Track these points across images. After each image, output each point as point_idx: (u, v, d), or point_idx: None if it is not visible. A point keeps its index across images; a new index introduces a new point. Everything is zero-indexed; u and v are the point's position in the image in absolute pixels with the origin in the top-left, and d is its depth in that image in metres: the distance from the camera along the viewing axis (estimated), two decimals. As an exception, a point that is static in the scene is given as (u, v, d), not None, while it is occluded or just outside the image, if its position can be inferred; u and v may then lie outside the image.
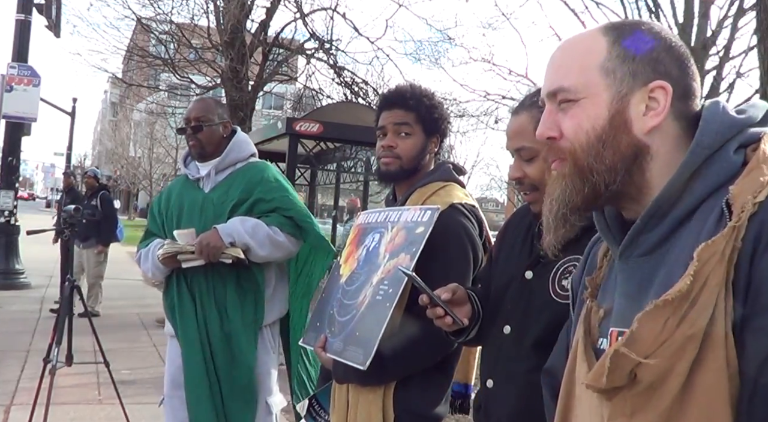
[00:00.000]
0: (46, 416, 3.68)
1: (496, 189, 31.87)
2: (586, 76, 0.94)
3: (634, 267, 0.93)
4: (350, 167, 10.06)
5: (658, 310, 0.81)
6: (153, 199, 2.95)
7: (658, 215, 0.90)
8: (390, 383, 1.86)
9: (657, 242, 0.90)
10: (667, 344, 0.79)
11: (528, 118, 1.49)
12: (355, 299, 1.91)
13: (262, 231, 2.53)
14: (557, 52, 1.00)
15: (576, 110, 0.95)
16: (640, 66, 0.93)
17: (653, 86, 0.92)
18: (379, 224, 2.01)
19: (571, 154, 0.95)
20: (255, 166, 2.72)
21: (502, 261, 1.63)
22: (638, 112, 0.92)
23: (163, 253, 2.50)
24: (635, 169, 0.93)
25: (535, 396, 1.44)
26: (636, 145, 0.92)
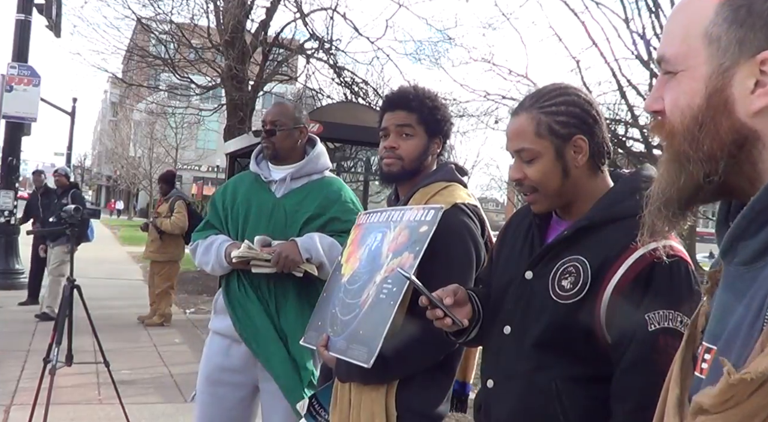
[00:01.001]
0: (46, 416, 3.69)
1: (496, 189, 31.87)
2: (687, 44, 0.79)
3: (734, 275, 0.77)
4: (350, 167, 10.07)
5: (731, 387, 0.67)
6: (216, 191, 2.92)
7: (759, 220, 0.73)
8: (392, 382, 1.87)
9: (758, 252, 0.73)
10: (733, 411, 0.67)
11: (528, 119, 1.48)
12: (358, 298, 1.91)
13: (336, 251, 2.51)
14: (672, 12, 0.86)
15: (674, 84, 0.81)
16: (751, 32, 0.75)
17: (763, 57, 0.73)
18: (381, 224, 2.02)
19: (669, 137, 0.81)
20: (332, 183, 2.72)
21: (503, 262, 1.63)
22: (744, 89, 0.75)
23: (238, 256, 2.47)
24: (743, 158, 0.76)
25: (536, 397, 1.44)
26: (739, 130, 0.76)
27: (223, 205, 2.73)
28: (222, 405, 2.63)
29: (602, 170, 1.52)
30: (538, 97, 1.50)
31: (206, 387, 2.66)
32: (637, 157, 12.01)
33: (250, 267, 2.49)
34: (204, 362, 2.72)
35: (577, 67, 10.83)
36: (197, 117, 18.63)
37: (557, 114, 1.46)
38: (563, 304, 1.41)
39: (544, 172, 1.47)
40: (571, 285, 1.41)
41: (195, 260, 2.73)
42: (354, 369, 1.82)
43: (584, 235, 1.43)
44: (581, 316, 1.38)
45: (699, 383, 0.77)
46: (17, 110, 9.90)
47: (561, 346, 1.42)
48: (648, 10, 8.60)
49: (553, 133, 1.46)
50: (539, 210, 1.54)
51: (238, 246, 2.49)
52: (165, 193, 7.99)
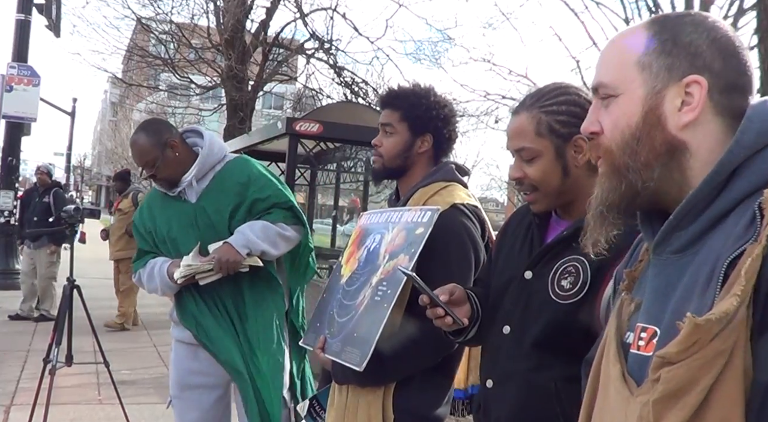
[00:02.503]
0: (46, 416, 3.69)
1: (496, 189, 31.87)
2: (623, 72, 0.93)
3: (666, 263, 0.90)
4: (350, 167, 10.06)
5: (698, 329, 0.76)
6: (134, 218, 2.84)
7: (693, 213, 0.87)
8: (390, 384, 1.86)
9: (689, 241, 0.87)
10: (696, 356, 0.75)
11: (528, 119, 1.48)
12: (355, 300, 1.91)
13: (272, 231, 2.53)
14: (605, 47, 0.99)
15: (614, 107, 0.94)
16: (677, 60, 0.90)
17: (688, 81, 0.89)
18: (381, 225, 2.01)
19: (608, 152, 0.94)
20: (236, 165, 2.65)
21: (502, 261, 1.63)
22: (673, 107, 0.90)
23: (180, 276, 2.46)
24: (674, 166, 0.90)
25: (535, 396, 1.44)
26: (671, 141, 0.90)
27: (146, 229, 2.66)
28: (199, 407, 2.62)
29: None
30: (538, 97, 1.50)
31: (180, 393, 2.65)
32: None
33: (198, 281, 2.48)
34: (173, 369, 2.71)
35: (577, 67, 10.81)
36: (197, 117, 18.63)
37: (558, 113, 1.46)
38: (563, 304, 1.41)
39: (544, 171, 1.47)
40: (571, 285, 1.41)
41: (144, 289, 2.69)
42: (350, 371, 1.81)
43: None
44: (581, 316, 1.38)
45: (636, 359, 0.88)
46: (17, 110, 9.90)
47: (560, 346, 1.41)
48: (648, 10, 8.59)
49: (553, 132, 1.46)
50: (539, 209, 1.54)
51: (177, 264, 2.47)
52: (121, 191, 7.85)
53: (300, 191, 10.69)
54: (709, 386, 0.75)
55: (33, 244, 7.67)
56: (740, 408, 0.75)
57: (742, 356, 0.75)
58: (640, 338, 0.89)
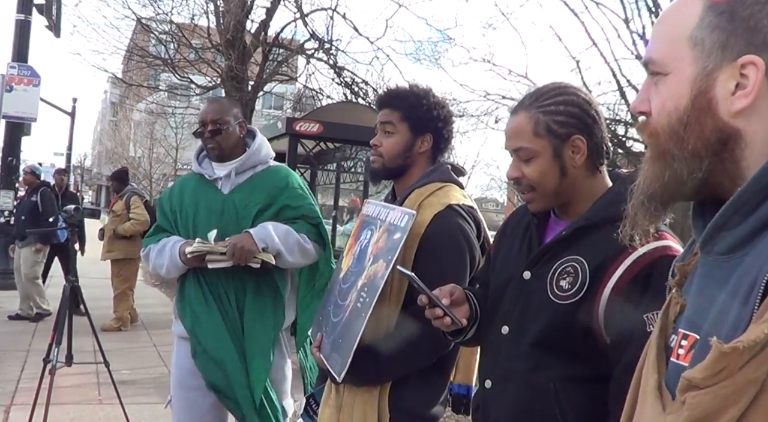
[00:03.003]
0: (46, 416, 3.69)
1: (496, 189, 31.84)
2: (673, 47, 0.83)
3: (713, 264, 0.81)
4: (350, 167, 10.06)
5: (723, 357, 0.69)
6: (162, 195, 2.88)
7: (742, 212, 0.77)
8: (386, 383, 1.87)
9: (738, 242, 0.77)
10: (725, 383, 0.68)
11: (526, 118, 1.48)
12: (345, 301, 1.91)
13: (293, 238, 2.53)
14: (660, 17, 0.90)
15: (662, 86, 0.84)
16: (733, 36, 0.79)
17: (743, 61, 0.78)
18: (374, 219, 2.01)
19: (654, 136, 0.85)
20: (278, 171, 2.70)
21: (500, 262, 1.63)
22: (726, 91, 0.79)
23: (193, 251, 2.44)
24: (726, 156, 0.80)
25: (534, 397, 1.44)
26: (722, 129, 0.80)
27: (171, 208, 2.69)
28: (195, 410, 2.62)
29: (600, 170, 1.52)
30: (537, 96, 1.50)
31: (179, 392, 2.66)
32: (637, 157, 11.98)
33: (206, 264, 2.45)
34: (174, 367, 2.72)
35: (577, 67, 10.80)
36: (197, 117, 18.62)
37: (556, 113, 1.46)
38: (561, 304, 1.41)
39: (541, 171, 1.47)
40: (570, 285, 1.41)
41: (149, 265, 2.70)
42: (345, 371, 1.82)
43: (582, 235, 1.43)
44: (580, 316, 1.38)
45: (675, 368, 0.80)
46: (17, 110, 9.90)
47: (559, 346, 1.42)
48: (648, 10, 8.58)
49: (551, 132, 1.46)
50: (536, 209, 1.54)
51: (191, 243, 2.47)
52: (118, 191, 7.72)
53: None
54: (737, 416, 0.68)
55: (20, 243, 7.63)
56: None
57: None
58: (680, 346, 0.81)
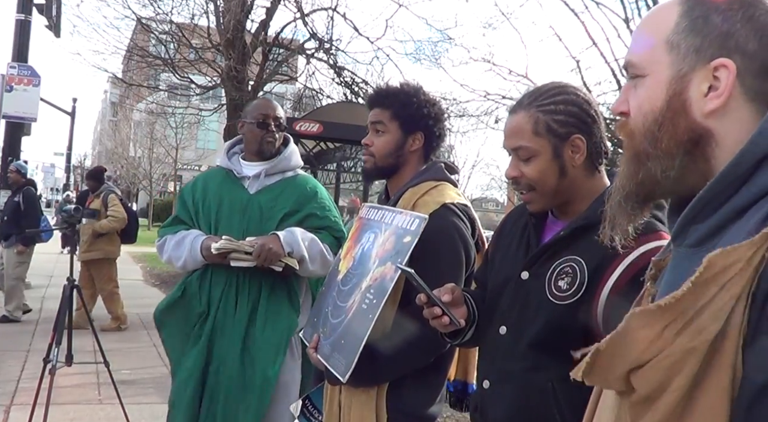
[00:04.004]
0: (46, 416, 3.69)
1: (496, 189, 31.89)
2: (651, 51, 0.87)
3: (683, 256, 0.85)
4: (350, 167, 10.08)
5: (650, 315, 0.73)
6: (185, 186, 2.88)
7: (711, 206, 0.81)
8: (383, 384, 1.86)
9: (707, 234, 0.81)
10: (663, 354, 0.72)
11: (526, 118, 1.48)
12: (347, 302, 1.91)
13: (317, 247, 2.54)
14: (640, 22, 0.93)
15: (640, 88, 0.88)
16: (707, 40, 0.83)
17: (716, 64, 0.82)
18: (376, 223, 2.00)
19: (630, 136, 0.88)
20: (307, 180, 2.73)
21: (498, 262, 1.63)
22: (699, 92, 0.83)
23: (220, 248, 2.43)
24: (698, 155, 0.84)
25: (532, 397, 1.44)
26: (695, 129, 0.83)
27: (194, 201, 2.69)
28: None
29: (599, 170, 1.52)
30: (536, 96, 1.50)
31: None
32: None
33: (229, 261, 2.44)
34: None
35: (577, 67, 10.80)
36: (197, 117, 18.61)
37: (555, 113, 1.45)
38: (560, 305, 1.41)
39: (541, 170, 1.47)
40: (568, 285, 1.41)
41: (162, 255, 2.67)
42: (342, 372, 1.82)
43: (581, 235, 1.43)
44: (578, 317, 1.38)
45: None
46: (17, 110, 9.89)
47: (557, 346, 1.41)
48: (648, 9, 8.59)
49: (550, 131, 1.46)
50: (535, 209, 1.54)
51: (216, 241, 2.46)
52: (94, 190, 7.59)
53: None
54: (684, 387, 0.71)
55: (4, 243, 7.54)
56: (725, 414, 0.70)
57: (731, 362, 0.70)
58: None
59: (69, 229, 4.35)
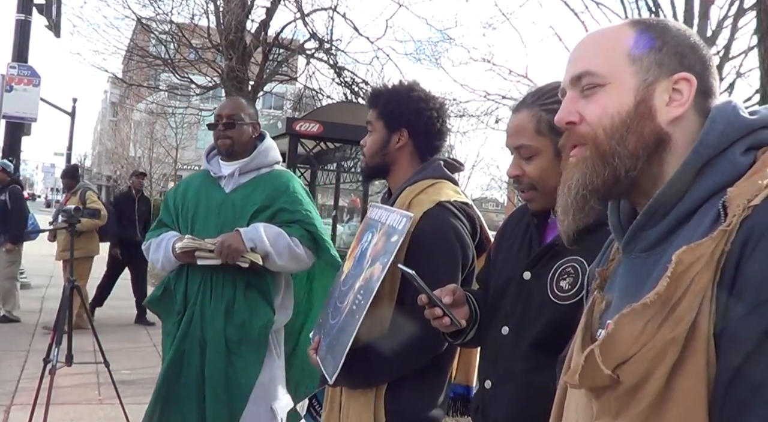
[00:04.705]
0: (46, 416, 3.69)
1: (496, 189, 31.91)
2: (613, 62, 0.95)
3: (635, 261, 0.93)
4: (350, 167, 10.06)
5: (636, 313, 0.81)
6: (170, 190, 2.93)
7: (661, 212, 0.90)
8: (381, 386, 1.84)
9: (657, 239, 0.90)
10: (647, 347, 0.79)
11: (528, 116, 1.48)
12: (343, 303, 1.90)
13: (283, 240, 2.53)
14: (583, 40, 1.01)
15: (601, 95, 0.95)
16: (666, 57, 0.94)
17: (678, 77, 0.92)
18: (375, 222, 2.00)
19: (593, 138, 0.95)
20: (281, 175, 2.72)
21: (500, 262, 1.62)
22: (662, 101, 0.93)
23: (182, 247, 2.48)
24: (655, 158, 0.93)
25: (533, 397, 1.43)
26: (658, 133, 0.92)
27: (174, 203, 2.74)
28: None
29: None
30: (539, 95, 1.49)
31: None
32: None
33: (196, 260, 2.49)
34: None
35: (577, 67, 10.76)
36: (197, 117, 18.62)
37: None
38: (562, 305, 1.41)
39: (543, 169, 1.47)
40: (570, 285, 1.40)
41: (148, 258, 2.74)
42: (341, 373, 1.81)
43: (582, 236, 1.42)
44: (580, 317, 1.37)
45: None
46: (17, 110, 9.89)
47: (559, 347, 1.40)
48: (648, 10, 8.59)
49: (553, 130, 1.45)
50: (536, 208, 1.53)
51: (181, 240, 2.50)
52: (70, 188, 7.42)
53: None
54: (666, 375, 0.78)
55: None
56: (702, 405, 0.77)
57: (705, 348, 0.77)
58: None
59: (69, 229, 4.34)
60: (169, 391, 2.57)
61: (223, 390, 2.52)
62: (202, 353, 2.55)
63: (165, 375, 2.58)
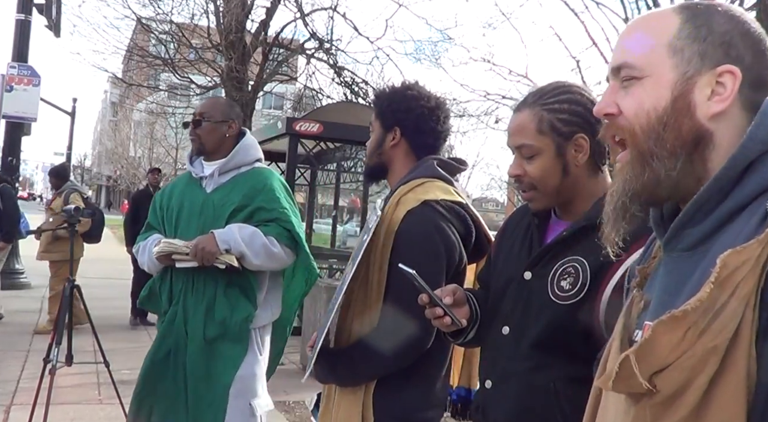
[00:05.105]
0: (46, 416, 3.69)
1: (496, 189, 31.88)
2: (652, 53, 0.90)
3: (677, 260, 0.88)
4: (350, 167, 10.06)
5: (677, 320, 0.75)
6: (157, 193, 2.95)
7: (704, 210, 0.84)
8: (369, 384, 1.82)
9: (700, 238, 0.84)
10: (687, 355, 0.74)
11: (530, 116, 1.47)
12: (336, 300, 1.91)
13: (259, 240, 2.52)
14: (628, 26, 0.96)
15: (638, 88, 0.90)
16: (711, 47, 0.87)
17: (722, 70, 0.86)
18: (367, 222, 2.00)
19: (631, 136, 0.90)
20: (260, 173, 2.70)
21: (501, 262, 1.62)
22: (703, 96, 0.87)
23: (158, 251, 2.51)
24: (696, 157, 0.87)
25: (534, 397, 1.43)
26: (698, 130, 0.87)
27: (161, 205, 2.76)
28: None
29: (602, 170, 1.51)
30: (541, 94, 1.49)
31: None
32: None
33: (174, 263, 2.53)
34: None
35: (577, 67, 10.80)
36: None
37: (560, 111, 1.45)
38: (562, 305, 1.40)
39: (544, 169, 1.46)
40: (571, 285, 1.40)
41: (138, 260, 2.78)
42: (325, 371, 1.85)
43: (583, 236, 1.42)
44: (580, 317, 1.38)
45: None
46: (17, 110, 9.89)
47: (560, 347, 1.41)
48: (648, 9, 8.60)
49: (555, 130, 1.45)
50: (537, 208, 1.53)
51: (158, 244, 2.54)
52: (57, 187, 7.26)
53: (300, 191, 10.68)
54: (705, 385, 0.74)
55: None
56: (742, 410, 0.72)
57: (746, 358, 0.72)
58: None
59: (69, 229, 4.34)
60: (154, 388, 2.61)
61: (204, 387, 2.54)
62: (186, 350, 2.57)
63: (146, 374, 2.63)
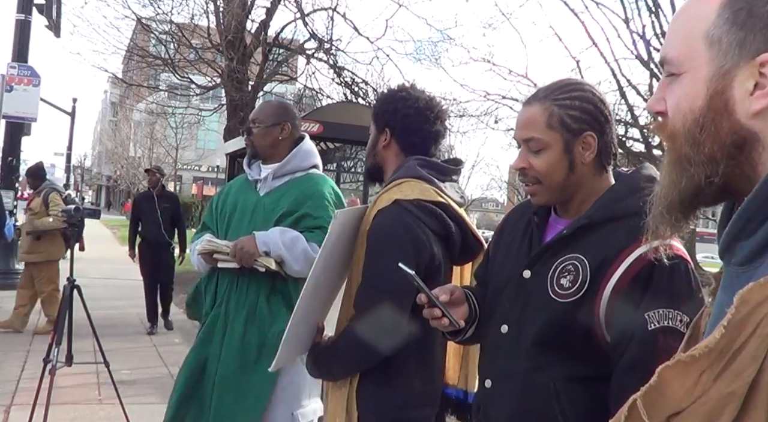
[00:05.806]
0: (46, 416, 3.69)
1: (496, 189, 31.93)
2: (689, 46, 0.79)
3: (732, 275, 0.76)
4: (350, 167, 10.06)
5: (684, 366, 0.69)
6: (215, 194, 3.01)
7: (757, 219, 0.72)
8: (353, 380, 1.85)
9: (754, 251, 0.72)
10: (701, 401, 0.67)
11: (540, 110, 1.47)
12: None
13: (300, 245, 2.48)
14: (675, 15, 0.85)
15: (677, 87, 0.80)
16: (752, 34, 0.74)
17: (763, 59, 0.73)
18: None
19: (669, 138, 0.81)
20: (313, 179, 2.69)
21: (500, 260, 1.62)
22: (744, 91, 0.74)
23: (200, 250, 2.51)
24: (743, 160, 0.75)
25: (534, 396, 1.43)
26: (738, 131, 0.75)
27: (216, 206, 2.78)
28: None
29: (607, 170, 1.51)
30: (553, 89, 1.49)
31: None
32: (637, 157, 12.01)
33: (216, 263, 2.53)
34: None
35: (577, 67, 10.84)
36: (197, 117, 18.64)
37: (571, 108, 1.45)
38: (562, 303, 1.40)
39: (550, 163, 1.46)
40: (570, 283, 1.40)
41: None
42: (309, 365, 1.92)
43: (583, 234, 1.42)
44: (580, 315, 1.37)
45: None
46: (17, 110, 9.89)
47: (559, 345, 1.41)
48: (648, 10, 8.59)
49: (564, 126, 1.45)
50: (539, 202, 1.53)
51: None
52: (34, 187, 7.14)
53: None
54: None
55: None
56: None
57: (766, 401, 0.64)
58: None
59: (69, 229, 4.34)
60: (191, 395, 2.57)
61: (232, 399, 2.50)
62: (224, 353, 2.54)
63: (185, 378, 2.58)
